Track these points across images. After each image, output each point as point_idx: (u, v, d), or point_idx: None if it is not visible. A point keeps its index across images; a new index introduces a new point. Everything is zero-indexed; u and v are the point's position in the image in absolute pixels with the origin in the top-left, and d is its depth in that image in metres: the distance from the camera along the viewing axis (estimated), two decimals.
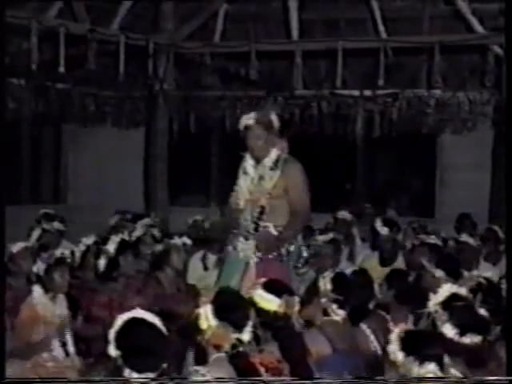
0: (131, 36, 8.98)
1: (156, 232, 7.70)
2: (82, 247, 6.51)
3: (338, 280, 5.03)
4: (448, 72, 9.26)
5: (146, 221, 8.23)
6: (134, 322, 3.60)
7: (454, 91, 9.61)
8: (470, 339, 3.87)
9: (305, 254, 5.93)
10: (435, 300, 4.05)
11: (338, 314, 4.89)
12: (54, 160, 12.41)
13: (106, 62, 9.21)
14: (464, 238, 7.58)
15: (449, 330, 3.87)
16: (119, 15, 9.45)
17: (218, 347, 3.92)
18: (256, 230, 5.71)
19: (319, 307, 4.89)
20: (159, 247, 7.10)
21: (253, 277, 5.59)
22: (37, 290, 5.54)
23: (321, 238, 7.30)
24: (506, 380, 3.80)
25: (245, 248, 5.73)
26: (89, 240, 6.57)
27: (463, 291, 4.17)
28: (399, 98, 9.70)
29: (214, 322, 3.92)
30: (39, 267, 5.57)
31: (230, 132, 10.45)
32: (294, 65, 9.11)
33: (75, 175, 12.21)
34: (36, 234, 7.33)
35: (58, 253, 5.68)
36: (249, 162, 5.85)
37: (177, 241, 6.83)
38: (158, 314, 3.71)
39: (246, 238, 5.74)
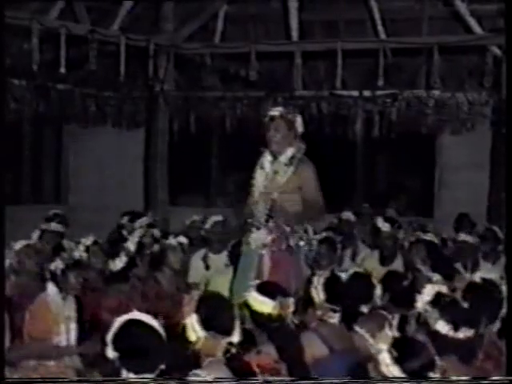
0: (132, 37, 9.02)
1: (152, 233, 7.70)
2: (82, 247, 6.54)
3: (332, 286, 4.89)
4: (447, 73, 9.27)
5: (145, 220, 8.26)
6: (132, 323, 3.60)
7: (452, 92, 9.63)
8: (463, 334, 3.94)
9: (315, 248, 6.16)
10: (422, 300, 4.11)
11: (333, 317, 4.82)
12: (55, 160, 12.43)
13: (107, 63, 9.24)
14: (462, 236, 7.64)
15: (442, 327, 3.94)
16: (120, 16, 9.47)
17: (210, 355, 3.87)
18: (267, 221, 5.95)
19: (315, 316, 4.81)
20: (156, 247, 7.13)
21: (267, 270, 5.83)
22: (51, 288, 5.53)
23: (314, 237, 7.31)
24: (506, 380, 3.84)
25: (257, 237, 5.95)
26: (88, 240, 6.62)
27: (445, 289, 4.23)
28: (398, 99, 9.72)
29: (201, 333, 3.87)
30: (57, 266, 5.57)
31: (230, 132, 10.50)
32: (293, 65, 9.16)
33: (76, 175, 12.22)
34: (36, 234, 7.36)
35: (76, 255, 5.72)
36: (267, 158, 6.10)
37: (172, 241, 6.86)
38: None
39: (258, 228, 5.97)
